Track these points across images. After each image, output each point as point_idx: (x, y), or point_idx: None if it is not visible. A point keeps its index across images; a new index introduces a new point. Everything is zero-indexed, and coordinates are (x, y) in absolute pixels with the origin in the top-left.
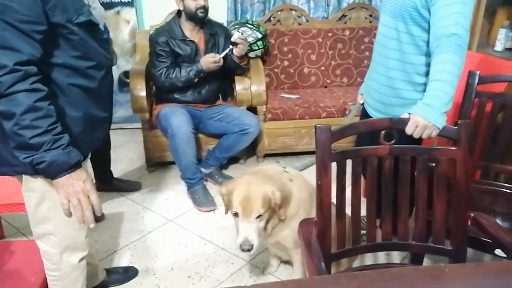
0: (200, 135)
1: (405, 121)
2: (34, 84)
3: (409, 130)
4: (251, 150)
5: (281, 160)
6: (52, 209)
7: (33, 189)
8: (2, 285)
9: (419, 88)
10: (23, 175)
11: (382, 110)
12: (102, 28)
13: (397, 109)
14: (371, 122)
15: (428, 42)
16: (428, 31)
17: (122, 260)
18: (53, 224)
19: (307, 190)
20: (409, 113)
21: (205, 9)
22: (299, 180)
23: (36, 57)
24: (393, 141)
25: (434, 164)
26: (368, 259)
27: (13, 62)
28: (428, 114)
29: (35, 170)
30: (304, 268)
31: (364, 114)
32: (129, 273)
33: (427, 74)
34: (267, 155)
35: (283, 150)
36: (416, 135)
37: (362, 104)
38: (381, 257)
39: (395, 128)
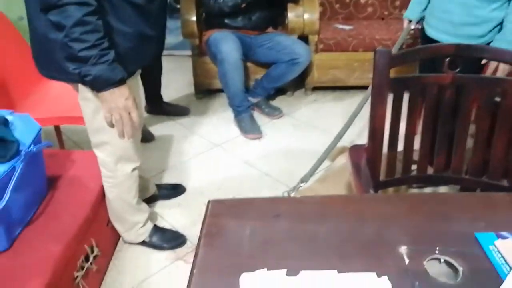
0: (249, 64)
1: (472, 47)
2: None
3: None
4: (300, 82)
5: (330, 94)
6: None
7: (88, 98)
8: (66, 189)
9: (495, 4)
10: (79, 85)
11: (451, 31)
12: None
13: (468, 28)
14: (436, 48)
15: None
16: None
17: (171, 178)
18: (108, 134)
19: None
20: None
21: None
22: None
23: None
24: (457, 70)
25: (499, 99)
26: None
27: None
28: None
29: (83, 81)
30: None
31: (425, 39)
32: (178, 190)
33: None
34: (316, 88)
35: (332, 83)
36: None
37: (412, 30)
38: (427, 192)
39: (462, 55)
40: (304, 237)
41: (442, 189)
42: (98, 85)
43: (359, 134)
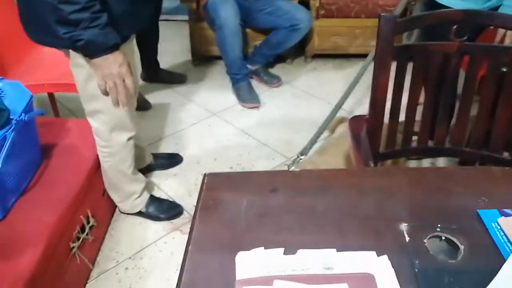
0: (248, 30)
1: (481, 14)
2: None
3: None
4: (299, 50)
5: (330, 62)
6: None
7: (80, 65)
8: (61, 158)
9: None
10: (70, 51)
11: None
12: None
13: None
14: (443, 14)
15: None
16: None
17: (168, 147)
18: (102, 102)
19: None
20: None
21: None
22: None
23: None
24: (465, 38)
25: (505, 69)
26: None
27: None
28: None
29: (74, 47)
30: None
31: (430, 5)
32: (174, 159)
33: None
34: (316, 56)
35: (333, 51)
36: None
37: None
38: (425, 163)
39: (471, 23)
40: (302, 212)
41: (441, 160)
42: (91, 51)
43: (358, 103)
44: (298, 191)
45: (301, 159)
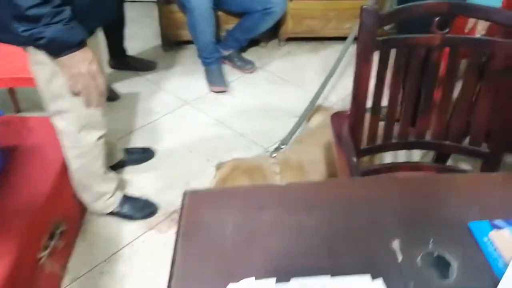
0: (220, 13)
1: (464, 6)
2: None
3: None
4: (273, 33)
5: (304, 45)
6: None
7: (42, 62)
8: (26, 159)
9: None
10: (30, 47)
11: None
12: None
13: None
14: (427, 6)
15: None
16: None
17: (139, 140)
18: (68, 101)
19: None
20: None
21: None
22: (290, 170)
23: None
24: (447, 30)
25: (484, 59)
26: (388, 155)
27: None
28: None
29: (36, 45)
30: None
31: None
32: (147, 153)
33: None
34: (290, 39)
35: (307, 34)
36: None
37: None
38: (401, 154)
39: (455, 14)
40: (292, 233)
41: (416, 152)
42: (55, 49)
43: (332, 89)
44: (286, 208)
45: (282, 148)
